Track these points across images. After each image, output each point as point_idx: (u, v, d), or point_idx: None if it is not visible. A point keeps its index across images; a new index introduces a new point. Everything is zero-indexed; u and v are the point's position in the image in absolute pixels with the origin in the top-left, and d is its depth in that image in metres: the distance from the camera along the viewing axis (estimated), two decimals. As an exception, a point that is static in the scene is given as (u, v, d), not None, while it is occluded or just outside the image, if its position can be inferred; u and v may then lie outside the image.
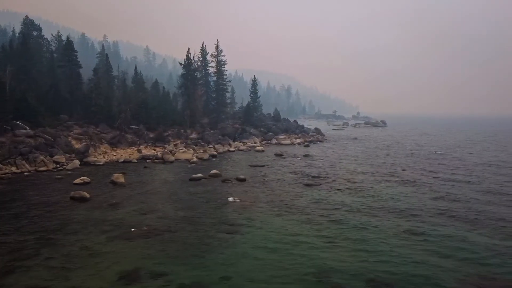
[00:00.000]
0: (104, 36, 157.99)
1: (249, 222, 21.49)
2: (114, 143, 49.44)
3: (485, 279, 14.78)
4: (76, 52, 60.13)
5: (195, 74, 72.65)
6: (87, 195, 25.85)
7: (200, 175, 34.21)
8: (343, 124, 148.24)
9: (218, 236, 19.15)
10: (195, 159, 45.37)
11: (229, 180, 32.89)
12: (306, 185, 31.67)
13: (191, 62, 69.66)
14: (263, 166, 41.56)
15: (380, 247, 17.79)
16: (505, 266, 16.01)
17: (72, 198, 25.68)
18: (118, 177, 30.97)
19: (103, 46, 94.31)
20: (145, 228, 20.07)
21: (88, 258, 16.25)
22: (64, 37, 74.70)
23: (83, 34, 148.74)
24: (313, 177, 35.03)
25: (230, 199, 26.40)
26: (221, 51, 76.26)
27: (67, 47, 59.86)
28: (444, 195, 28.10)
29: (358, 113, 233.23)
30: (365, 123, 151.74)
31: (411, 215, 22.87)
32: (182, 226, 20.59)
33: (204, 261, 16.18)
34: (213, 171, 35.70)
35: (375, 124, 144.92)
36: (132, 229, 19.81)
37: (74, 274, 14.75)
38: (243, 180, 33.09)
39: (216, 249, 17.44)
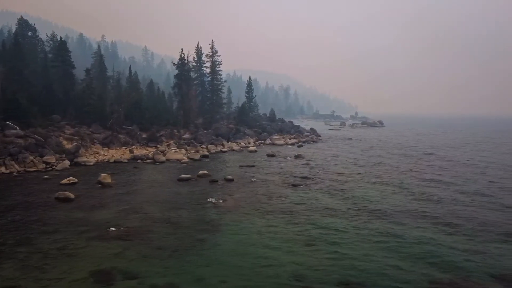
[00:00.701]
0: (102, 36, 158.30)
1: (231, 223, 21.54)
2: (106, 144, 49.46)
3: (460, 281, 14.79)
4: (70, 52, 60.28)
5: (189, 74, 72.67)
6: (72, 196, 25.87)
7: (188, 175, 34.23)
8: (340, 124, 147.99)
9: (197, 237, 19.19)
10: (186, 159, 45.39)
11: (217, 181, 32.92)
12: (294, 185, 31.70)
13: (184, 62, 69.64)
14: (253, 166, 41.61)
15: (358, 249, 17.77)
16: (481, 267, 16.03)
17: (56, 198, 25.71)
18: (105, 178, 30.96)
19: (99, 46, 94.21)
20: (123, 228, 20.11)
21: (63, 258, 16.30)
22: (60, 37, 74.67)
23: (81, 34, 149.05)
24: (301, 177, 35.07)
25: (214, 200, 26.37)
26: (216, 51, 76.47)
27: (60, 47, 60.00)
28: (429, 196, 28.08)
29: (356, 113, 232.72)
30: (362, 123, 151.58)
31: (394, 217, 22.86)
32: (162, 227, 20.64)
33: (180, 262, 16.21)
34: (201, 171, 35.74)
35: (372, 125, 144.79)
36: (112, 229, 19.88)
37: (47, 274, 14.80)
38: (231, 180, 33.13)
39: (194, 250, 17.47)
